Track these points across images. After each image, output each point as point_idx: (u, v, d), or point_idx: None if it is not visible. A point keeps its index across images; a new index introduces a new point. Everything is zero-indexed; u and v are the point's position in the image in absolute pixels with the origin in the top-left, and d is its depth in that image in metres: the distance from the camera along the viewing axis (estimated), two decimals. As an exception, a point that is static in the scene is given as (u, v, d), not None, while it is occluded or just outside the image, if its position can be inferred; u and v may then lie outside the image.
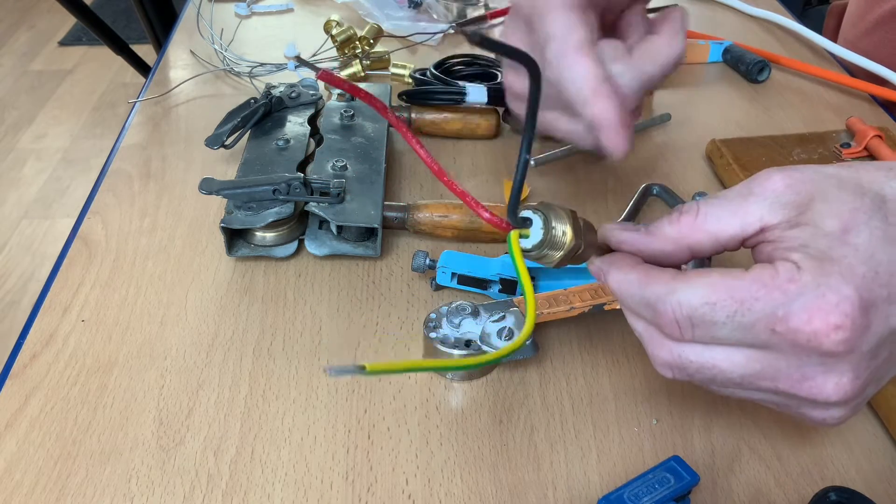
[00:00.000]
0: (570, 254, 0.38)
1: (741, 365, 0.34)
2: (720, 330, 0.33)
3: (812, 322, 0.31)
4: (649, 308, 0.35)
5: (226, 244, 0.56)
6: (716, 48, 0.83)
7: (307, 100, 0.69)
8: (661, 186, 0.63)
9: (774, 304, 0.32)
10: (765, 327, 0.32)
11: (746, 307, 0.32)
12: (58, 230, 2.06)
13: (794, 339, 0.32)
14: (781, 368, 0.33)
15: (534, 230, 0.37)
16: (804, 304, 0.31)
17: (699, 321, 0.33)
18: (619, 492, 0.40)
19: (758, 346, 0.33)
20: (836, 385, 0.33)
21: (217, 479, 0.43)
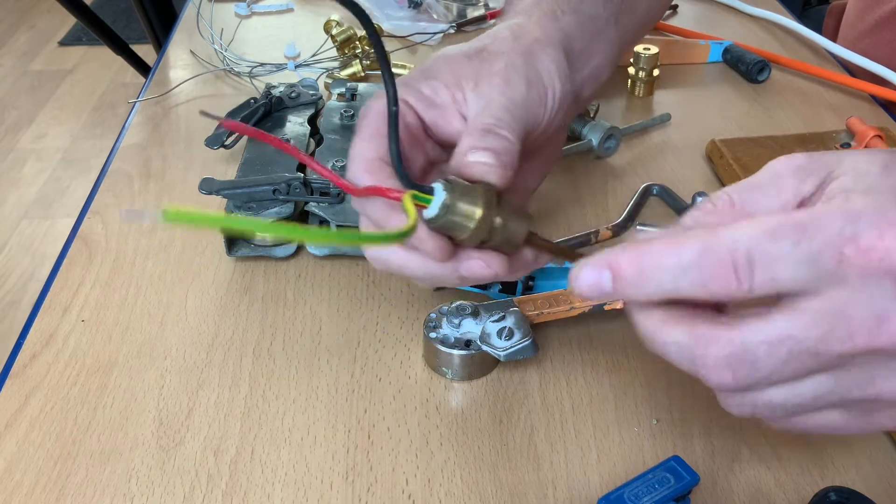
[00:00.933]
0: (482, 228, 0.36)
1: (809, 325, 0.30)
2: (782, 266, 0.30)
3: (884, 237, 0.29)
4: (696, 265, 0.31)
5: (226, 244, 0.56)
6: (716, 48, 0.83)
7: (307, 100, 0.69)
8: (661, 186, 0.63)
9: (839, 225, 0.29)
10: (833, 254, 0.29)
11: (810, 233, 0.29)
12: (58, 230, 2.06)
13: (867, 260, 0.29)
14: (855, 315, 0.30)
15: (436, 198, 0.36)
16: (870, 222, 0.29)
17: (759, 256, 0.30)
18: (619, 492, 0.40)
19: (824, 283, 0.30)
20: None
21: (217, 479, 0.43)
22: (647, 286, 0.32)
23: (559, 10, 0.48)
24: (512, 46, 0.44)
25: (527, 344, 0.47)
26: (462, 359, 0.48)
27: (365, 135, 0.42)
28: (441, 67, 0.44)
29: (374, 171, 0.40)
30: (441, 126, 0.44)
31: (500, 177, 0.39)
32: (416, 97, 0.43)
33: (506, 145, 0.40)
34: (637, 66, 0.77)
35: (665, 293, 0.32)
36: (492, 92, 0.42)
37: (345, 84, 0.70)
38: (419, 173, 0.44)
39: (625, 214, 0.61)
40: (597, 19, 0.50)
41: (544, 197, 0.63)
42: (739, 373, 0.32)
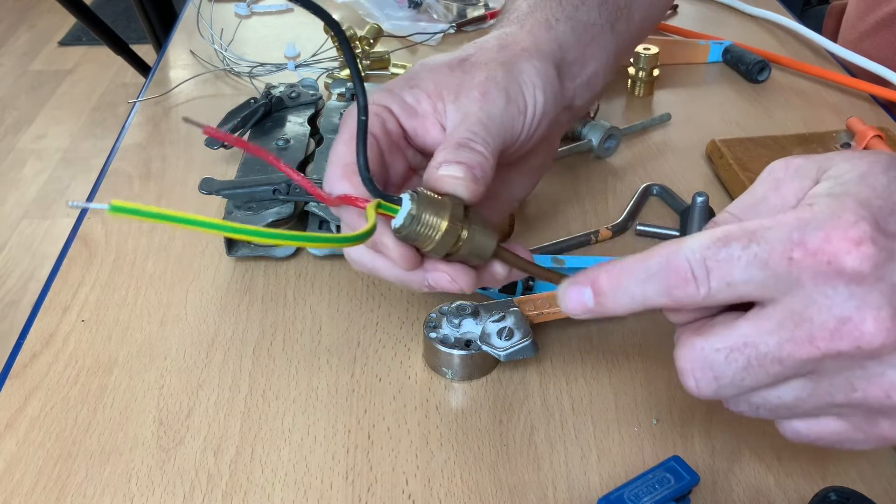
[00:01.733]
0: (446, 241, 0.37)
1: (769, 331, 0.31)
2: (735, 270, 0.31)
3: (830, 240, 0.30)
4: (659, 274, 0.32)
5: (226, 244, 0.56)
6: (716, 48, 0.83)
7: (307, 100, 0.69)
8: (661, 186, 0.63)
9: (789, 228, 0.30)
10: (781, 256, 0.30)
11: (759, 236, 0.31)
12: (58, 230, 2.06)
13: (815, 263, 0.30)
14: (814, 317, 0.30)
15: (403, 208, 0.37)
16: (819, 225, 0.30)
17: (714, 261, 0.31)
18: (619, 492, 0.40)
19: (780, 288, 0.31)
20: (876, 319, 0.30)
21: (217, 480, 0.43)
22: (623, 298, 0.34)
23: (553, 18, 0.48)
24: (495, 57, 0.44)
25: (527, 344, 0.47)
26: (462, 359, 0.48)
27: (342, 138, 0.42)
28: (424, 76, 0.44)
29: (349, 175, 0.40)
30: (421, 135, 0.44)
31: (469, 190, 0.39)
32: (398, 104, 0.44)
33: (478, 160, 0.40)
34: (637, 66, 0.77)
35: (638, 303, 0.34)
36: (470, 105, 0.42)
37: (345, 84, 0.70)
38: (400, 180, 0.44)
39: (625, 214, 0.61)
40: (592, 26, 0.50)
41: (544, 197, 0.63)
42: (701, 381, 0.33)
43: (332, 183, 0.41)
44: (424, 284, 0.40)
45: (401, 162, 0.44)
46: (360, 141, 0.37)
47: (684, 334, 0.34)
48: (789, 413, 0.34)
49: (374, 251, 0.40)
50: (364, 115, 0.37)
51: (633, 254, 0.34)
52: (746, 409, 0.35)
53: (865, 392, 0.32)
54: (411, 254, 0.39)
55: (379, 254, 0.40)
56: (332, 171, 0.41)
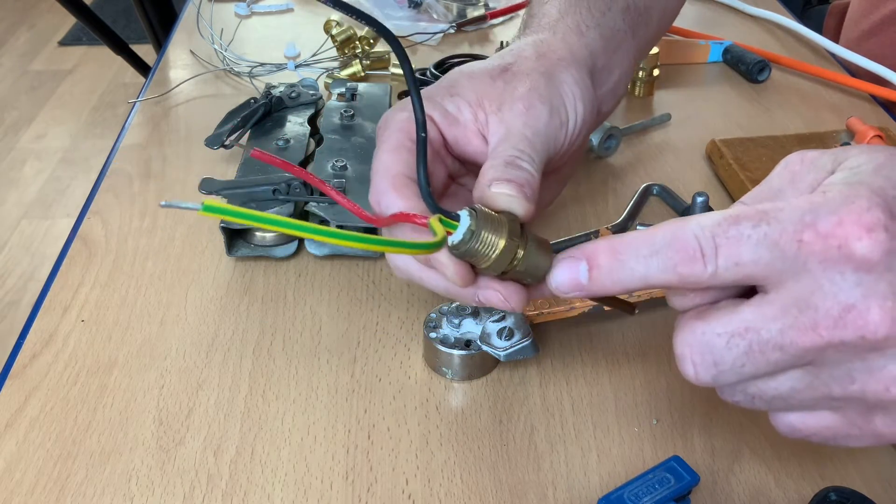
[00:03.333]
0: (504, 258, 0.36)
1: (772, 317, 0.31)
2: (744, 249, 0.30)
3: (843, 224, 0.29)
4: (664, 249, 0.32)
5: (226, 244, 0.56)
6: (716, 48, 0.83)
7: (307, 100, 0.69)
8: (661, 186, 0.63)
9: (801, 211, 0.30)
10: (791, 238, 0.30)
11: (771, 216, 0.30)
12: (58, 230, 2.06)
13: (825, 246, 0.29)
14: (819, 304, 0.30)
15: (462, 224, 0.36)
16: (833, 209, 0.30)
17: (723, 238, 0.31)
18: (619, 492, 0.40)
19: (787, 271, 0.30)
20: (881, 309, 0.29)
21: (217, 479, 0.43)
22: (621, 273, 0.33)
23: (584, 24, 0.48)
24: (535, 66, 0.44)
25: (527, 344, 0.47)
26: (462, 359, 0.48)
27: (388, 147, 0.41)
28: (465, 84, 0.44)
29: (399, 187, 0.40)
30: (462, 144, 0.44)
31: (524, 208, 0.39)
32: (439, 113, 0.43)
33: (527, 178, 0.40)
34: (637, 66, 0.77)
35: (638, 279, 0.33)
36: (514, 120, 0.42)
37: (345, 84, 0.70)
38: (440, 187, 0.44)
39: (625, 214, 0.61)
40: (617, 32, 0.50)
41: (544, 197, 0.63)
42: (700, 366, 0.33)
43: (380, 193, 0.40)
44: (474, 300, 0.40)
45: (441, 170, 0.44)
46: (419, 157, 0.37)
47: (685, 318, 0.33)
48: (785, 405, 0.34)
49: (424, 265, 0.40)
50: (423, 132, 0.36)
51: None
52: (742, 399, 0.34)
53: (864, 385, 0.31)
54: (466, 270, 0.38)
55: (430, 268, 0.40)
56: (380, 182, 0.40)
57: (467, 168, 0.46)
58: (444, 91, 0.44)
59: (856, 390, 0.32)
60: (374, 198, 0.41)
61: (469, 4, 0.92)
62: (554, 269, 0.35)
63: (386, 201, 0.40)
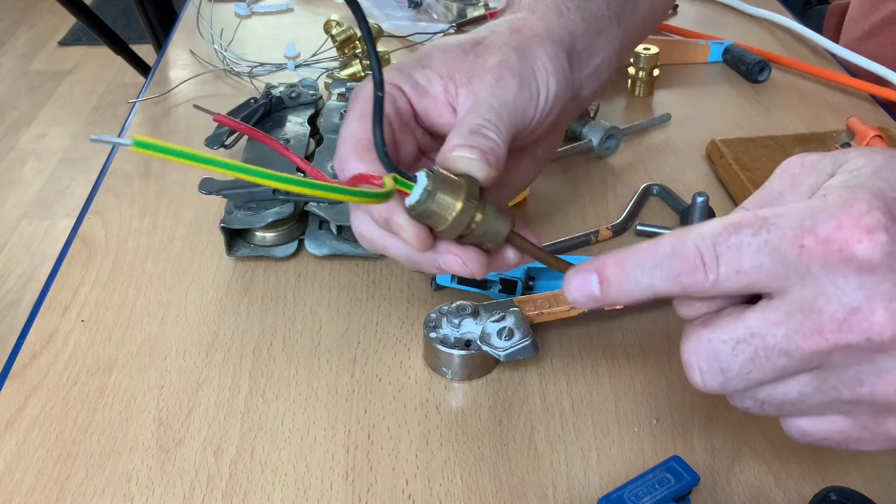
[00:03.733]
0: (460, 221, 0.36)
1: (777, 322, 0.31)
2: (745, 256, 0.31)
3: (842, 228, 0.29)
4: (667, 261, 0.32)
5: (226, 244, 0.56)
6: (716, 48, 0.83)
7: (307, 100, 0.69)
8: (661, 186, 0.63)
9: (801, 216, 0.30)
10: (792, 244, 0.30)
11: (771, 223, 0.30)
12: (58, 230, 2.06)
13: (826, 251, 0.29)
14: (823, 308, 0.30)
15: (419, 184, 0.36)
16: (832, 213, 0.30)
17: (724, 247, 0.31)
18: (619, 492, 0.40)
19: (789, 277, 0.30)
20: (886, 311, 0.29)
21: (217, 479, 0.43)
22: (629, 285, 0.33)
23: (564, 6, 0.48)
24: (507, 41, 0.44)
25: (527, 344, 0.47)
26: (462, 359, 0.48)
27: (354, 115, 0.42)
28: (436, 57, 0.44)
29: (361, 152, 0.40)
30: (432, 116, 0.44)
31: (484, 172, 0.39)
32: (410, 84, 0.44)
33: (491, 146, 0.40)
34: (637, 66, 0.77)
35: (645, 291, 0.33)
36: (482, 91, 0.42)
37: (345, 84, 0.70)
38: (409, 160, 0.44)
39: (625, 214, 0.61)
40: (600, 17, 0.50)
41: (544, 197, 0.63)
42: (707, 373, 0.33)
43: (344, 159, 0.41)
44: (434, 266, 0.40)
45: (411, 142, 0.44)
46: (376, 116, 0.37)
47: (691, 326, 0.34)
48: (794, 410, 0.34)
49: (385, 229, 0.40)
50: (381, 91, 0.36)
51: None
52: (752, 406, 0.34)
53: (873, 387, 0.31)
54: (424, 233, 0.38)
55: (390, 232, 0.40)
56: (344, 148, 0.41)
57: (437, 142, 0.46)
58: (415, 63, 0.44)
59: (865, 393, 0.32)
60: (338, 164, 0.42)
61: (469, 4, 0.92)
62: (568, 283, 0.35)
63: (349, 166, 0.40)
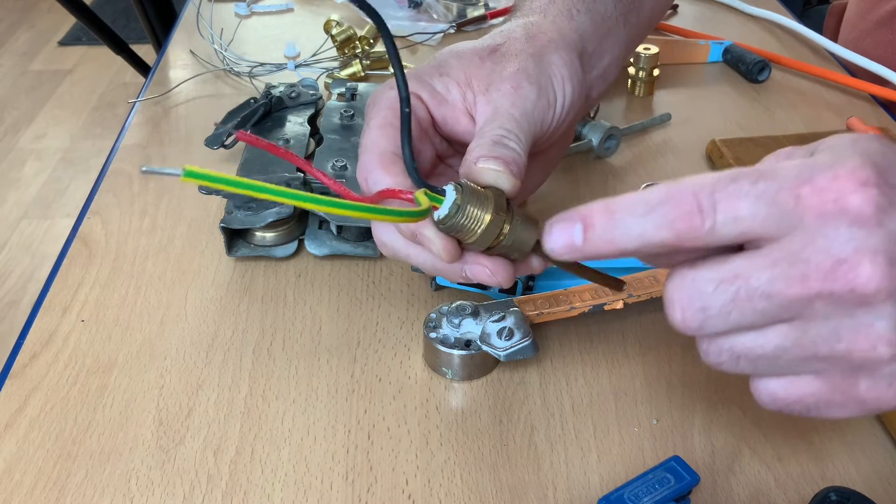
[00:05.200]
0: (490, 233, 0.36)
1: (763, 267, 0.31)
2: (743, 203, 0.31)
3: (838, 178, 0.30)
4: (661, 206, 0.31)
5: (226, 244, 0.56)
6: (716, 48, 0.83)
7: (307, 100, 0.69)
8: (661, 186, 0.63)
9: (798, 169, 0.31)
10: (790, 193, 0.30)
11: (769, 174, 0.31)
12: (57, 230, 2.06)
13: (821, 200, 0.30)
14: (811, 257, 0.30)
15: (447, 199, 0.36)
16: (828, 165, 0.31)
17: (722, 193, 0.31)
18: (619, 492, 0.40)
19: (783, 226, 0.31)
20: (872, 263, 0.30)
21: (217, 480, 0.43)
22: (616, 231, 0.32)
23: (574, 9, 0.48)
24: (524, 47, 0.44)
25: (527, 344, 0.47)
26: (462, 359, 0.48)
27: (376, 124, 0.42)
28: (454, 65, 0.44)
29: (387, 164, 0.40)
30: (450, 123, 0.44)
31: (510, 183, 0.39)
32: (428, 92, 0.44)
33: (514, 156, 0.40)
34: (637, 66, 0.77)
35: (634, 239, 0.32)
36: (502, 100, 0.42)
37: (345, 84, 0.70)
38: (427, 167, 0.45)
39: (625, 214, 0.61)
40: (608, 18, 0.50)
41: (544, 197, 0.63)
42: (688, 310, 0.32)
43: (368, 170, 0.41)
44: (461, 275, 0.40)
45: (429, 149, 0.45)
46: (404, 132, 0.37)
47: (676, 267, 0.33)
48: (769, 367, 0.34)
49: (411, 241, 0.40)
50: (407, 107, 0.37)
51: None
52: (727, 360, 0.34)
53: (851, 343, 0.31)
54: (452, 246, 0.38)
55: (416, 244, 0.40)
56: (368, 159, 0.41)
57: (455, 148, 0.46)
58: (432, 70, 0.45)
59: (842, 349, 0.32)
60: (361, 175, 0.42)
61: (469, 4, 0.92)
62: (548, 232, 0.34)
63: (373, 178, 0.40)
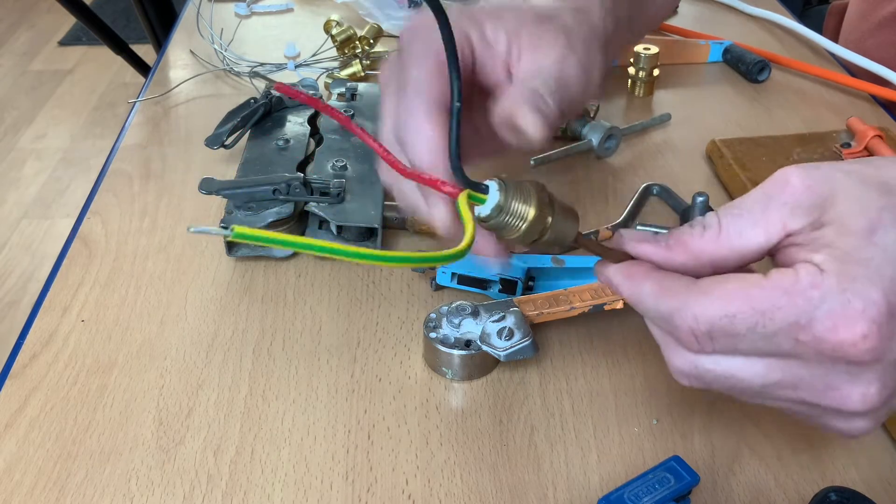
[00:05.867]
0: (534, 229, 0.35)
1: (761, 375, 0.33)
2: (740, 342, 0.32)
3: (837, 331, 0.30)
4: (665, 321, 0.34)
5: (225, 244, 0.56)
6: (716, 48, 0.83)
7: (307, 100, 0.69)
8: (661, 186, 0.63)
9: (798, 311, 0.30)
10: (787, 337, 0.31)
11: (768, 318, 0.31)
12: (58, 230, 2.06)
13: (819, 348, 0.31)
14: (804, 377, 0.32)
15: (490, 198, 0.35)
16: (829, 312, 0.30)
17: (718, 334, 0.32)
18: (619, 492, 0.40)
19: (780, 355, 0.32)
20: (863, 395, 0.32)
21: (217, 479, 0.43)
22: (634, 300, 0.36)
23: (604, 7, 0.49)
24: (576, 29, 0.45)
25: (527, 344, 0.47)
26: (462, 359, 0.48)
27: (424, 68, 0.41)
28: (509, 17, 0.45)
29: (434, 114, 0.40)
30: (487, 71, 0.45)
31: (540, 134, 0.40)
32: (478, 35, 0.44)
33: (549, 111, 0.41)
34: (637, 66, 0.77)
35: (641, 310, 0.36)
36: (550, 65, 0.43)
37: (345, 84, 0.70)
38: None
39: (625, 214, 0.61)
40: (621, 20, 0.51)
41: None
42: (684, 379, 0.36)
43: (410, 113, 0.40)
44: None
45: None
46: (453, 128, 0.36)
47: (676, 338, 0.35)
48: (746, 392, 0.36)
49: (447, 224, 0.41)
50: (459, 102, 0.36)
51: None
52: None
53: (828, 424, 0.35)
54: (491, 244, 0.39)
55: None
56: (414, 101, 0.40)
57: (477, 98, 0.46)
58: (485, 14, 0.45)
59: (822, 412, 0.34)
60: (401, 114, 0.41)
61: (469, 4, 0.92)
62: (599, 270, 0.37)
63: (414, 123, 0.40)
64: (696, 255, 0.34)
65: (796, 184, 0.33)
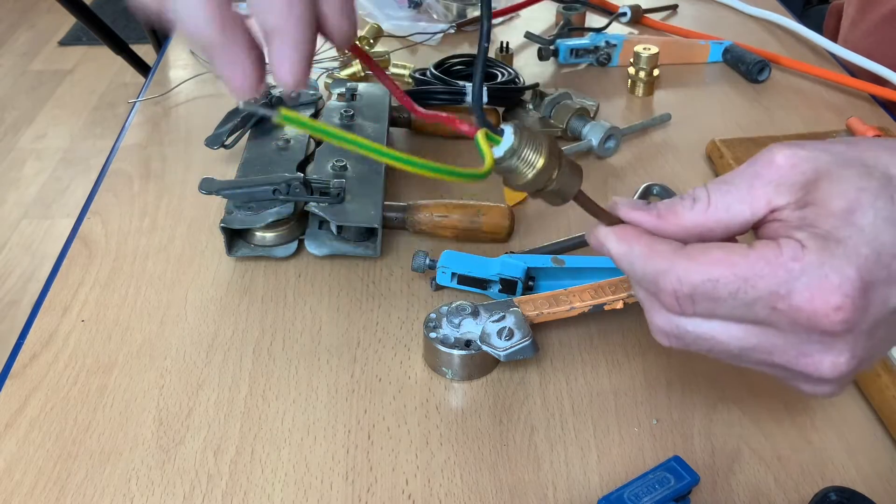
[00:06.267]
0: (541, 177, 0.36)
1: (738, 338, 0.34)
2: (720, 306, 0.33)
3: (813, 302, 0.32)
4: (650, 281, 0.35)
5: (226, 244, 0.56)
6: (716, 48, 0.83)
7: (307, 100, 0.69)
8: (661, 186, 0.63)
9: (778, 281, 0.32)
10: (766, 304, 0.33)
11: (750, 285, 0.32)
12: (58, 230, 2.06)
13: (795, 317, 0.32)
14: (778, 344, 0.34)
15: (505, 140, 0.36)
16: (807, 283, 0.32)
17: (700, 297, 0.34)
18: (619, 492, 0.40)
19: (757, 321, 0.34)
20: (833, 364, 0.33)
21: (217, 479, 0.43)
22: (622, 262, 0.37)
23: None
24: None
25: (527, 344, 0.47)
26: (462, 359, 0.48)
27: None
28: None
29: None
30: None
31: None
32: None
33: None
34: (637, 66, 0.77)
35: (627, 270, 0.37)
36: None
37: (345, 84, 0.70)
38: None
39: (625, 214, 0.61)
40: None
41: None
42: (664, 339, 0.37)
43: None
44: None
45: None
46: (478, 67, 0.37)
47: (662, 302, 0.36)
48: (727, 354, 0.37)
49: None
50: (486, 42, 0.37)
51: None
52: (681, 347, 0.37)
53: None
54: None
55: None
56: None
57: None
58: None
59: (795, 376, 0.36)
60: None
61: (469, 4, 0.92)
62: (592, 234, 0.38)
63: None
64: (685, 226, 0.36)
65: (782, 163, 0.34)
